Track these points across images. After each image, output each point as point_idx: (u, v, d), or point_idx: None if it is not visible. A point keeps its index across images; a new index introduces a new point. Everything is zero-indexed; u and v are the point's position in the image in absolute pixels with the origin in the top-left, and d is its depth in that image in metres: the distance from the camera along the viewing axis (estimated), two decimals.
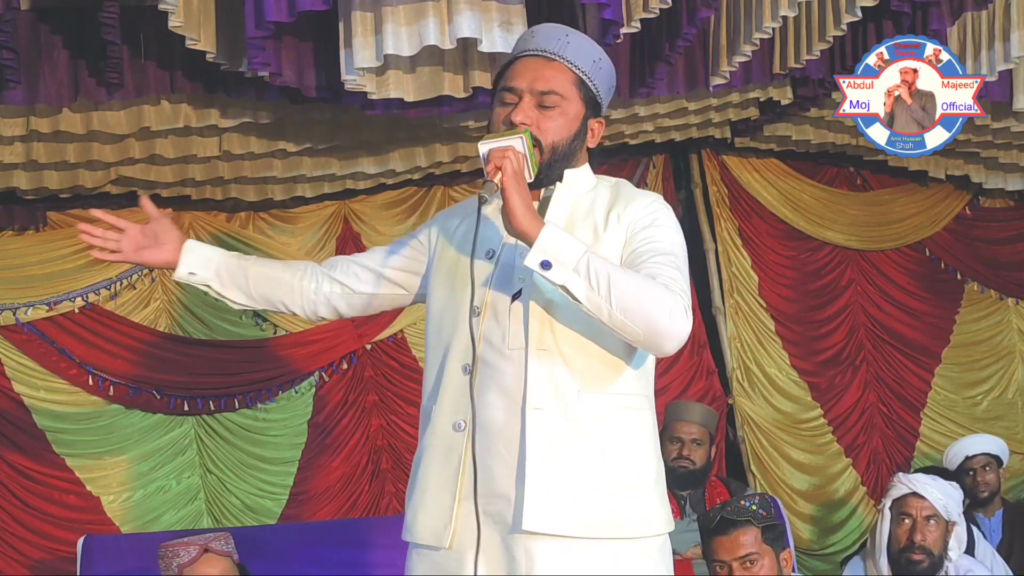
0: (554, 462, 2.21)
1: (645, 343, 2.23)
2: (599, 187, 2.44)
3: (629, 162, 6.20)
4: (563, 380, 2.24)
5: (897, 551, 4.04)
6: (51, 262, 5.47)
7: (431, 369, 2.37)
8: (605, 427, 2.26)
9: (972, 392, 6.57)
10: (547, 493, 2.20)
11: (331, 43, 3.91)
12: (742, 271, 6.29)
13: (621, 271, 2.22)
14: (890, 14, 4.31)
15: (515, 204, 2.19)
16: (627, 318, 2.18)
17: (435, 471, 2.30)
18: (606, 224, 2.34)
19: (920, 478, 4.13)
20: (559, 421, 2.23)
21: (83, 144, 4.70)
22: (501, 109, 2.36)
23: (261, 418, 5.68)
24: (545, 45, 2.38)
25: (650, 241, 2.32)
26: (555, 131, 2.33)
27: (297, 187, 5.54)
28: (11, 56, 3.95)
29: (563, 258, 2.17)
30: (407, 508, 2.36)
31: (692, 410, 4.94)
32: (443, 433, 2.30)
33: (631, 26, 4.01)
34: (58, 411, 5.44)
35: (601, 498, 2.23)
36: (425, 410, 2.37)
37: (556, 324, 2.26)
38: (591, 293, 2.17)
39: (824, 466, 6.24)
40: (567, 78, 2.36)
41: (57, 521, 5.35)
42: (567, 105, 2.35)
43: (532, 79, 2.34)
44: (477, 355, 2.26)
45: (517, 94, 2.34)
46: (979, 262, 6.71)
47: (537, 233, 2.18)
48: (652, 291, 2.20)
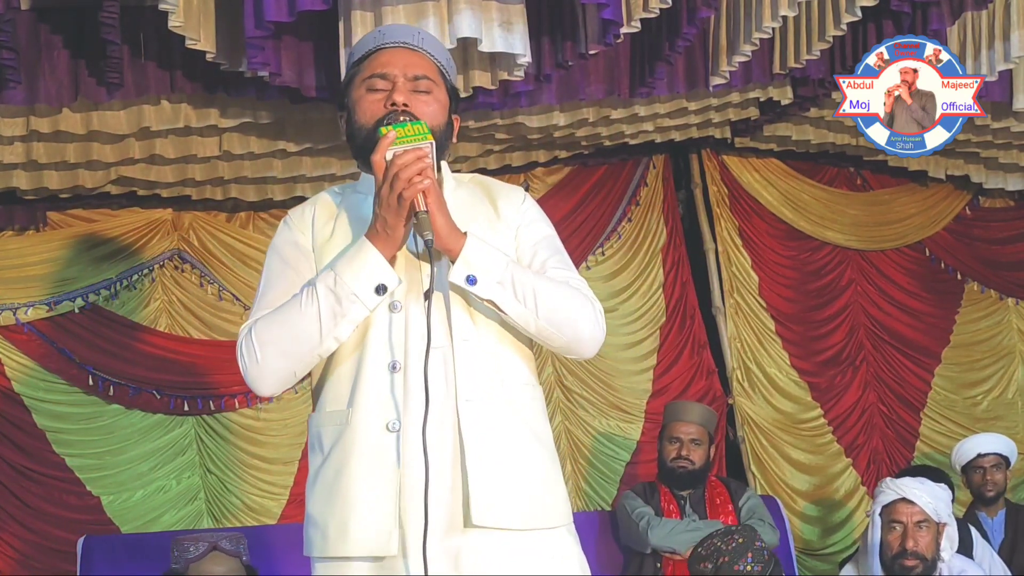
0: (492, 453, 2.18)
1: (566, 349, 2.25)
2: (462, 182, 2.39)
3: (629, 162, 6.20)
4: (487, 371, 2.21)
5: (890, 558, 4.03)
6: (51, 262, 5.47)
7: (339, 374, 2.23)
8: (528, 414, 2.24)
9: (972, 392, 6.57)
10: (491, 486, 2.16)
11: (331, 43, 3.91)
12: (742, 271, 6.29)
13: (543, 281, 2.20)
14: (890, 14, 4.32)
15: (440, 225, 2.13)
16: (553, 327, 2.20)
17: (364, 476, 2.16)
18: (498, 215, 2.31)
19: (908, 483, 4.11)
20: (490, 411, 2.19)
21: (83, 144, 4.70)
22: (372, 96, 2.26)
23: (261, 418, 5.68)
24: (403, 38, 2.32)
25: (540, 240, 2.32)
26: (432, 116, 2.26)
27: (297, 187, 5.54)
28: (11, 56, 3.95)
29: (488, 272, 2.15)
30: (322, 522, 2.19)
31: (691, 410, 4.94)
32: (369, 435, 2.17)
33: (631, 26, 4.01)
34: (58, 411, 5.44)
35: (535, 487, 2.21)
36: (333, 417, 2.22)
37: (476, 316, 2.22)
38: (518, 305, 2.17)
39: (824, 466, 6.24)
40: (432, 67, 2.31)
41: (57, 521, 5.34)
42: (438, 92, 2.30)
43: (404, 65, 2.27)
44: (408, 350, 2.17)
45: (390, 79, 2.26)
46: (979, 262, 6.71)
47: (460, 247, 2.15)
48: (574, 300, 2.22)
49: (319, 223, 2.33)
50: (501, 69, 4.15)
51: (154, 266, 5.62)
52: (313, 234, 2.32)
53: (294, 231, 2.34)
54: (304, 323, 2.17)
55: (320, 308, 2.15)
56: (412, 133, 2.15)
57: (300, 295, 2.19)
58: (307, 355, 2.20)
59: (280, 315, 2.21)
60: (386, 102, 2.24)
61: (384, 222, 2.14)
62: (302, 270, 2.28)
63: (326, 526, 2.19)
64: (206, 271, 5.68)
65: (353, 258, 2.16)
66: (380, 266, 2.15)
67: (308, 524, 2.24)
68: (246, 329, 2.24)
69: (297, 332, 2.17)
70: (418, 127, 2.16)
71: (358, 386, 2.19)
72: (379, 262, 2.15)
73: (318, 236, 2.31)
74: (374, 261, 2.15)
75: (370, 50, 2.32)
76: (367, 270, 2.15)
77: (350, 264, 2.16)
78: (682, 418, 4.84)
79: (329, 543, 2.18)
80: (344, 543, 2.16)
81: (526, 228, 2.33)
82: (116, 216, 5.63)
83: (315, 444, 2.27)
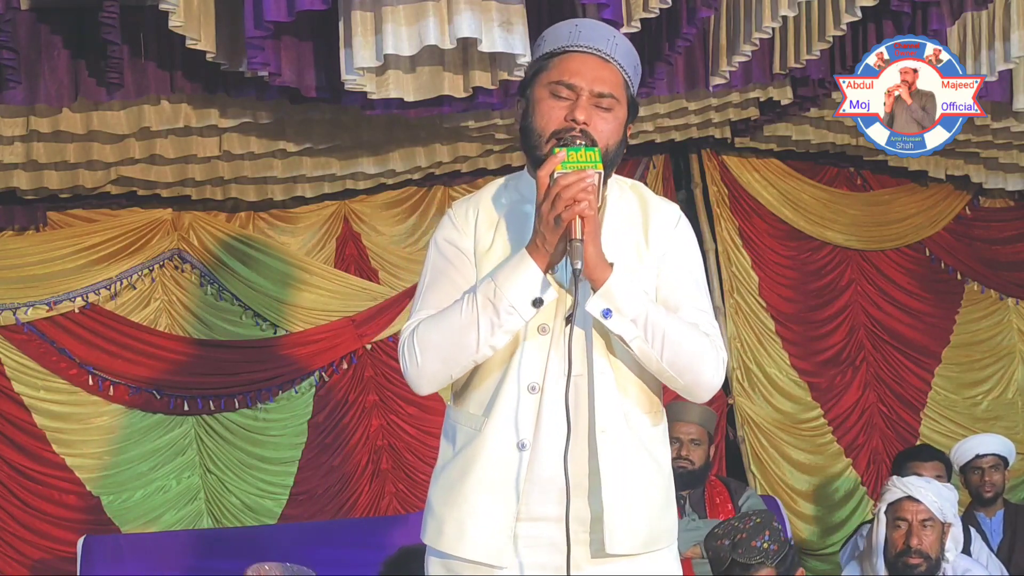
0: (625, 484, 2.26)
1: (684, 391, 2.32)
2: (623, 191, 2.43)
3: (629, 162, 6.20)
4: (621, 402, 2.28)
5: (894, 555, 4.04)
6: (51, 262, 5.47)
7: (483, 381, 2.31)
8: (651, 445, 2.33)
9: (972, 392, 6.57)
10: (626, 518, 2.25)
11: (331, 43, 3.91)
12: (742, 271, 6.29)
13: (675, 325, 2.25)
14: (890, 14, 4.31)
15: (590, 254, 2.18)
16: (674, 371, 2.26)
17: (488, 489, 2.26)
18: (647, 242, 2.35)
19: (914, 481, 4.13)
20: (622, 442, 2.27)
21: (83, 144, 4.70)
22: (554, 102, 2.29)
23: (261, 418, 5.68)
24: (597, 44, 2.32)
25: (683, 275, 2.35)
26: (608, 135, 2.29)
27: (297, 187, 5.54)
28: (11, 56, 3.95)
29: (625, 309, 2.20)
30: (440, 516, 2.30)
31: (691, 410, 4.93)
32: (501, 449, 2.25)
33: (631, 26, 4.01)
34: (58, 411, 5.44)
35: (654, 512, 2.31)
36: (469, 419, 2.32)
37: (615, 348, 2.29)
38: (644, 345, 2.23)
39: (824, 466, 6.24)
40: (619, 81, 2.32)
41: (57, 521, 5.35)
42: (619, 109, 2.32)
43: (592, 79, 2.28)
44: (548, 374, 2.25)
45: (576, 91, 2.28)
46: (979, 262, 6.71)
47: (604, 279, 2.20)
48: (701, 348, 2.27)
49: (481, 229, 2.38)
50: (501, 69, 4.14)
51: (154, 266, 5.63)
52: (475, 239, 2.37)
53: (458, 231, 2.39)
54: (463, 331, 2.24)
55: (479, 317, 2.23)
56: (583, 159, 2.19)
57: (461, 302, 2.26)
58: (464, 361, 2.27)
59: (441, 321, 2.28)
60: (567, 115, 2.27)
61: (543, 238, 2.20)
62: (464, 272, 2.35)
63: (443, 521, 2.29)
64: (206, 271, 5.68)
65: (514, 271, 2.23)
66: (538, 279, 2.21)
67: (428, 512, 2.34)
68: (408, 330, 2.31)
69: (457, 339, 2.25)
70: (590, 154, 2.20)
71: (497, 399, 2.27)
72: (537, 276, 2.21)
73: (480, 243, 2.37)
74: (532, 274, 2.21)
75: (562, 48, 2.33)
76: (525, 283, 2.21)
77: (510, 276, 2.22)
78: (682, 418, 4.84)
79: (444, 539, 2.29)
80: (459, 543, 2.27)
81: (672, 257, 2.36)
82: (116, 216, 5.63)
83: (448, 435, 2.37)
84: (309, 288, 5.73)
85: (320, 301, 5.74)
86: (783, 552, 3.39)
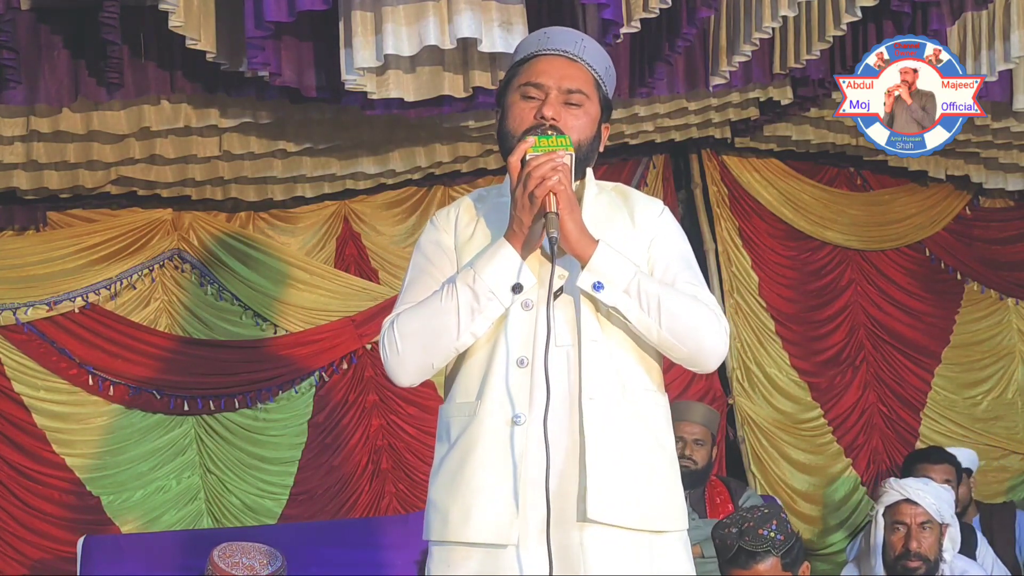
0: (612, 451, 2.24)
1: (688, 361, 2.31)
2: (604, 190, 2.47)
3: (629, 162, 6.20)
4: (613, 373, 2.28)
5: (893, 558, 4.04)
6: (51, 262, 5.47)
7: (471, 367, 2.32)
8: (650, 420, 2.31)
9: (972, 392, 6.57)
10: (609, 482, 2.23)
11: (331, 43, 3.91)
12: (742, 271, 6.29)
13: (669, 292, 2.26)
14: (890, 14, 4.31)
15: (570, 228, 2.21)
16: (675, 339, 2.26)
17: (489, 467, 2.25)
18: (634, 225, 2.38)
19: (911, 483, 4.12)
20: (612, 412, 2.26)
21: (83, 144, 4.70)
22: (524, 103, 2.35)
23: (261, 418, 5.68)
24: (564, 46, 2.38)
25: (674, 254, 2.37)
26: (580, 130, 2.34)
27: (297, 187, 5.55)
28: (11, 56, 3.95)
29: (615, 280, 2.22)
30: (444, 507, 2.29)
31: (694, 410, 4.95)
32: (497, 427, 2.26)
33: (631, 26, 4.01)
34: (58, 411, 5.44)
35: (652, 490, 2.28)
36: (461, 409, 2.32)
37: (604, 320, 2.29)
38: (642, 315, 2.23)
39: (824, 466, 6.24)
40: (588, 79, 2.38)
41: (57, 521, 5.35)
42: (589, 105, 2.37)
43: (559, 76, 2.35)
44: (536, 347, 2.25)
45: (544, 90, 2.34)
46: (979, 262, 6.70)
47: (590, 254, 2.22)
48: (699, 313, 2.27)
49: (461, 224, 2.43)
50: (501, 69, 4.14)
51: (154, 266, 5.63)
52: (456, 234, 2.42)
53: (439, 231, 2.45)
54: (443, 317, 2.26)
55: (459, 304, 2.25)
56: (553, 144, 2.24)
57: (440, 291, 2.29)
58: (444, 348, 2.29)
59: (421, 309, 2.31)
60: (536, 113, 2.32)
61: (519, 222, 2.24)
62: (443, 268, 2.38)
63: (447, 511, 2.28)
64: (206, 271, 5.68)
65: (491, 257, 2.26)
66: (516, 265, 2.24)
67: (430, 509, 2.33)
68: (388, 322, 2.33)
69: (436, 326, 2.27)
70: (561, 140, 2.24)
71: (487, 380, 2.28)
72: (515, 262, 2.24)
73: (460, 236, 2.41)
74: (511, 260, 2.25)
75: (531, 54, 2.40)
76: (504, 269, 2.24)
77: (488, 263, 2.25)
78: (686, 418, 4.84)
79: (450, 527, 2.27)
80: (465, 528, 2.25)
81: (661, 240, 2.39)
82: (116, 216, 5.63)
83: (443, 434, 2.36)
84: (309, 288, 5.73)
85: (320, 301, 5.74)
86: (789, 543, 3.39)
